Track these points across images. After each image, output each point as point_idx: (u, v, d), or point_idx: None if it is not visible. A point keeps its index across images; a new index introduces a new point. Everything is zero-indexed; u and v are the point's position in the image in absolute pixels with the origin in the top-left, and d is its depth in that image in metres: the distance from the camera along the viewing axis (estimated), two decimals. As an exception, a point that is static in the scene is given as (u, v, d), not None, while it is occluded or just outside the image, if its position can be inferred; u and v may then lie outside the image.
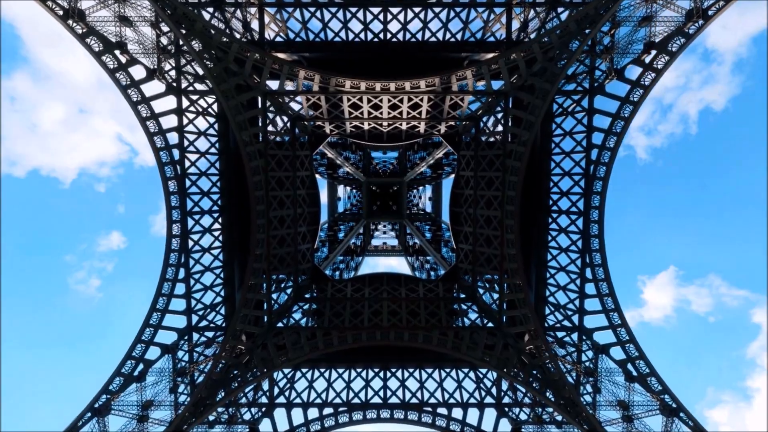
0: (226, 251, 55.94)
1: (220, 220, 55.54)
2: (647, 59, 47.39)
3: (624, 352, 49.35)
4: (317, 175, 78.34)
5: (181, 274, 52.79)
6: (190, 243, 53.08)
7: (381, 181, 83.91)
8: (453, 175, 76.02)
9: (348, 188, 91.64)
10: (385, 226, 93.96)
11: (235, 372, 48.97)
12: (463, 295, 58.43)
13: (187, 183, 52.75)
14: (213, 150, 54.11)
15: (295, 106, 55.06)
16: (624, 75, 48.39)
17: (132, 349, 48.53)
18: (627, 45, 47.85)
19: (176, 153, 51.60)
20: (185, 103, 50.94)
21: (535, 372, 48.69)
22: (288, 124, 54.87)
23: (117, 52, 47.10)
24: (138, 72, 48.94)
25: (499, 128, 52.51)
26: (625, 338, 49.38)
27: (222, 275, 56.29)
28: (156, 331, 50.29)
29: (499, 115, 51.93)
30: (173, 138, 51.39)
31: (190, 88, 50.62)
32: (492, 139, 55.58)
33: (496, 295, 54.53)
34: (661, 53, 46.57)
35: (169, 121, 51.81)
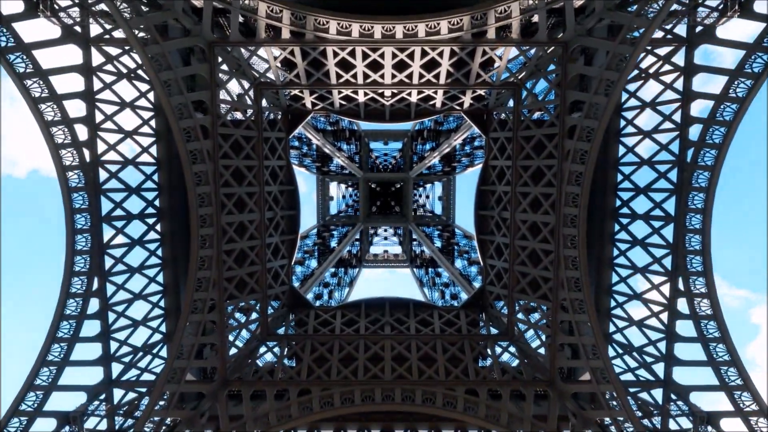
0: (168, 271, 38.41)
1: (158, 227, 37.96)
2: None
3: (749, 429, 31.68)
4: (302, 169, 60.51)
5: (94, 306, 35.22)
6: (108, 262, 35.54)
7: (381, 176, 65.94)
8: (473, 168, 58.38)
9: (342, 186, 73.81)
10: (386, 230, 76.09)
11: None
12: (495, 330, 40.89)
13: (103, 176, 35.26)
14: (147, 130, 36.52)
15: (262, 67, 37.45)
16: (753, 8, 30.61)
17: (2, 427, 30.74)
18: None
19: (83, 130, 34.08)
20: (96, 58, 33.37)
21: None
22: (251, 93, 37.35)
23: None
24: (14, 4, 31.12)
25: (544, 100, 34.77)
26: (751, 407, 31.69)
27: (163, 303, 38.73)
28: (48, 394, 32.59)
29: (553, 76, 34.13)
30: (76, 108, 33.83)
31: (106, 37, 32.95)
32: (538, 115, 37.98)
33: (545, 335, 36.92)
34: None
35: (74, 83, 34.22)
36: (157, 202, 37.01)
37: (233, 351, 36.61)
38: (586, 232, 33.61)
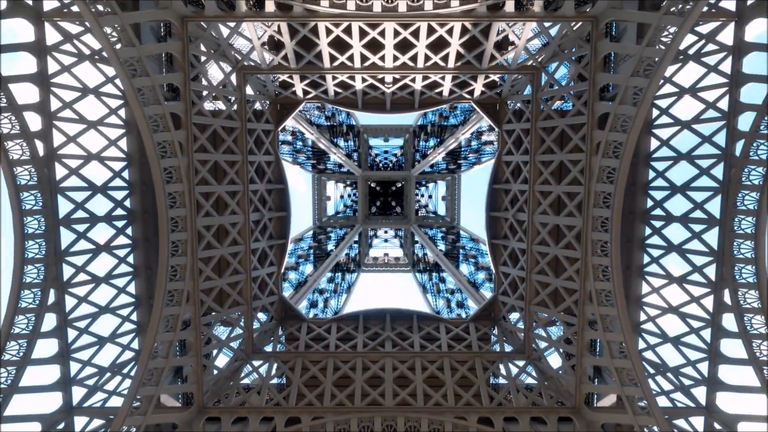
0: (140, 280, 33.43)
1: (129, 231, 33.00)
2: None
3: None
4: (296, 166, 55.56)
5: (50, 322, 30.21)
6: (68, 271, 30.58)
7: (381, 175, 60.97)
8: (480, 166, 53.42)
9: (340, 185, 68.86)
10: (386, 232, 71.17)
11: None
12: (510, 348, 35.95)
13: (61, 172, 30.31)
14: (115, 120, 31.53)
15: (246, 48, 32.42)
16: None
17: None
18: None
19: (35, 119, 29.11)
20: (51, 36, 28.43)
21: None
22: (233, 78, 32.34)
23: None
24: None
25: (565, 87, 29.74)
26: (816, 446, 26.71)
27: (135, 317, 33.76)
28: (-9, 429, 27.45)
29: (577, 57, 29.10)
30: (27, 93, 28.82)
31: (65, 11, 27.99)
32: (559, 105, 33.00)
33: (569, 354, 31.80)
34: None
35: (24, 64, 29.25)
36: (127, 203, 32.01)
37: (216, 371, 31.63)
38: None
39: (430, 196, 69.93)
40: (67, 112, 28.91)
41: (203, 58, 29.46)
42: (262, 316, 36.47)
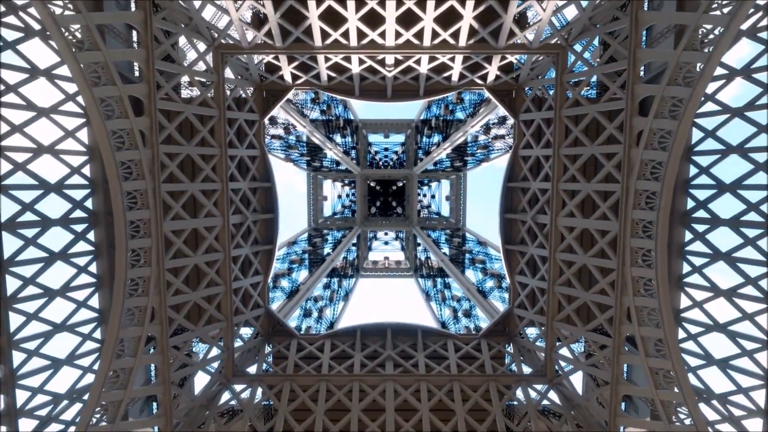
0: (104, 292, 28.48)
1: (91, 236, 28.12)
2: None
3: None
4: (289, 163, 50.84)
5: (-9, 345, 25.31)
6: (13, 284, 25.68)
7: (381, 173, 56.31)
8: (488, 163, 48.65)
9: (338, 184, 64.12)
10: (386, 234, 66.42)
11: None
12: (528, 369, 31.17)
13: (5, 166, 25.45)
14: (73, 108, 26.69)
15: (224, 23, 27.62)
16: None
17: None
18: None
19: (-31, 105, 24.21)
20: (-11, 4, 23.59)
21: None
22: (209, 58, 27.57)
23: None
24: None
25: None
26: None
27: (99, 334, 28.90)
28: None
29: (610, 32, 24.29)
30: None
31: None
32: (586, 92, 28.22)
33: (600, 380, 26.97)
34: None
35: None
36: (89, 204, 27.21)
37: (195, 394, 26.82)
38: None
39: (432, 196, 65.11)
40: (12, 96, 24.13)
41: (173, 34, 24.66)
42: (247, 331, 31.71)
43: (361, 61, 28.15)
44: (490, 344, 31.75)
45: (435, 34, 25.91)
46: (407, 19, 25.04)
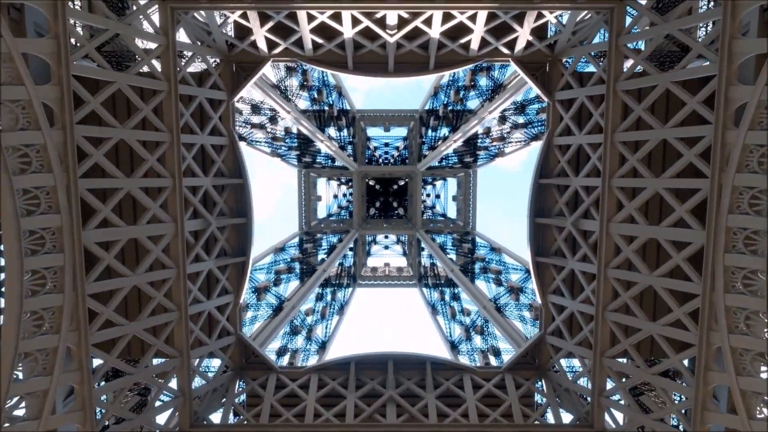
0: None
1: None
2: None
3: None
4: (276, 158, 44.00)
5: None
6: None
7: (381, 170, 49.54)
8: (502, 158, 41.80)
9: (334, 182, 57.27)
10: (386, 237, 59.57)
11: None
12: (568, 414, 24.22)
13: None
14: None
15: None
16: None
17: None
18: None
19: None
20: None
21: None
22: (155, 18, 20.79)
23: None
24: None
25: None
26: None
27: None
28: None
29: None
30: None
31: None
32: (639, 68, 21.30)
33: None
34: None
35: None
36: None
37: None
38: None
39: (437, 196, 58.13)
40: None
41: (98, -24, 17.78)
42: (214, 363, 24.89)
43: (355, 21, 21.23)
44: (517, 380, 24.86)
45: (452, -18, 19.09)
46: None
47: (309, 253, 43.77)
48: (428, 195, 57.36)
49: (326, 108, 41.07)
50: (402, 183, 56.93)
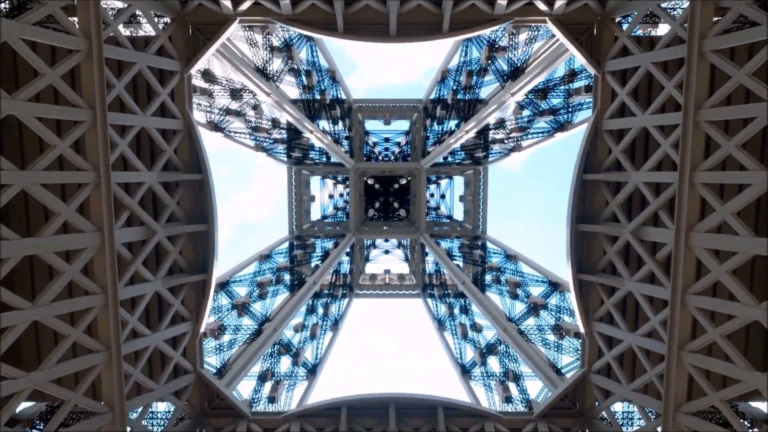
0: None
1: None
2: None
3: None
4: (262, 153, 38.29)
5: None
6: None
7: (381, 167, 43.99)
8: (519, 153, 36.13)
9: (329, 181, 51.55)
10: (386, 241, 53.90)
11: None
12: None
13: None
14: None
15: None
16: None
17: None
18: None
19: None
20: None
21: None
22: (68, -53, 14.99)
23: None
24: None
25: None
26: None
27: None
28: None
29: None
30: None
31: None
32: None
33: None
34: None
35: None
36: None
37: None
38: None
39: (442, 196, 52.36)
40: None
41: None
42: (167, 408, 19.18)
43: (345, -39, 15.50)
44: (553, 429, 19.16)
45: None
46: None
47: (299, 261, 38.04)
48: (431, 195, 51.67)
49: (317, 95, 35.40)
50: (404, 182, 51.24)
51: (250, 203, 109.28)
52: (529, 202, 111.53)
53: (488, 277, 35.05)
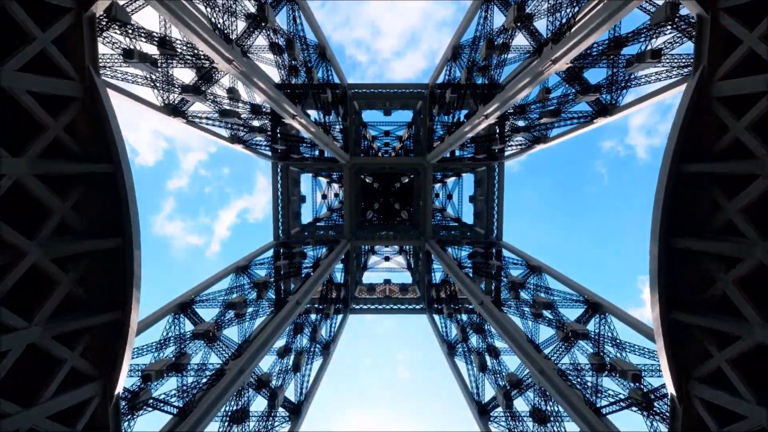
0: None
1: None
2: None
3: None
4: (238, 146, 31.89)
5: None
6: None
7: (381, 162, 37.75)
8: (543, 146, 29.86)
9: (323, 180, 45.24)
10: (387, 246, 47.66)
11: None
12: None
13: None
14: None
15: None
16: None
17: None
18: None
19: None
20: None
21: None
22: None
23: None
24: None
25: None
26: None
27: None
28: None
29: None
30: None
31: None
32: None
33: None
34: None
35: None
36: None
37: None
38: None
39: (449, 196, 46.21)
40: None
41: None
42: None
43: None
44: None
45: None
46: None
47: (285, 273, 31.69)
48: (436, 195, 45.44)
49: (303, 74, 29.08)
50: (406, 180, 44.97)
51: (251, 206, 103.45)
52: (526, 201, 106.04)
53: (507, 293, 28.77)
